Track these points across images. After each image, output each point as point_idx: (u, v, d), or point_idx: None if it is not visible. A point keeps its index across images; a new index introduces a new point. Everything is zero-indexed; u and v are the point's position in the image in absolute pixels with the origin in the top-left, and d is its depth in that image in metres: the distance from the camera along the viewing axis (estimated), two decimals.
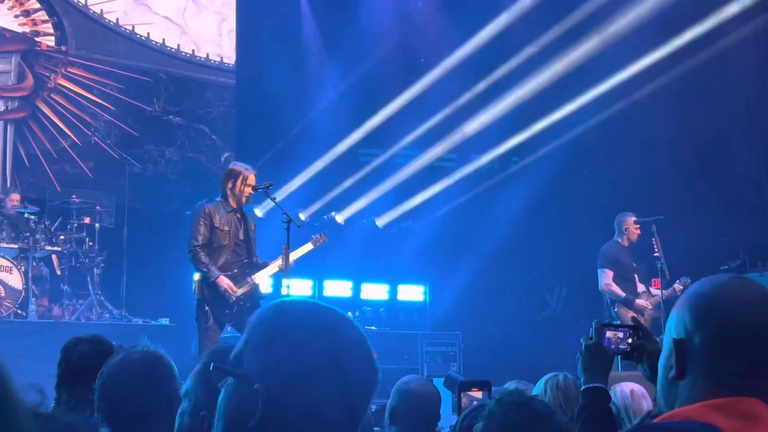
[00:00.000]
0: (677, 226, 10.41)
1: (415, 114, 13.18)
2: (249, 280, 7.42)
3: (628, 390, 4.81)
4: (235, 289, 7.32)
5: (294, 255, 7.62)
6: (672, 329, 1.57)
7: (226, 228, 7.40)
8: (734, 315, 1.51)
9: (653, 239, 9.31)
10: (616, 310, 9.29)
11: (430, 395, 3.85)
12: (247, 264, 7.49)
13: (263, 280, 7.53)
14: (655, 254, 9.26)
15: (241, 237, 7.49)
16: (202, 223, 7.38)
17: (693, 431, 1.40)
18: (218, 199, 7.57)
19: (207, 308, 7.34)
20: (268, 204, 8.44)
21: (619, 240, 9.54)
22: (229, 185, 7.50)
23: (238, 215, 7.51)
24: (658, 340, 2.66)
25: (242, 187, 7.44)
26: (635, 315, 9.04)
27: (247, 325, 1.49)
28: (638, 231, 9.47)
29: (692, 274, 9.31)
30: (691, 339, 1.53)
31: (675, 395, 1.53)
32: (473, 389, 3.39)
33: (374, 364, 1.51)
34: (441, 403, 3.90)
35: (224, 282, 7.29)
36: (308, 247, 7.79)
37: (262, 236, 7.88)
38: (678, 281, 9.33)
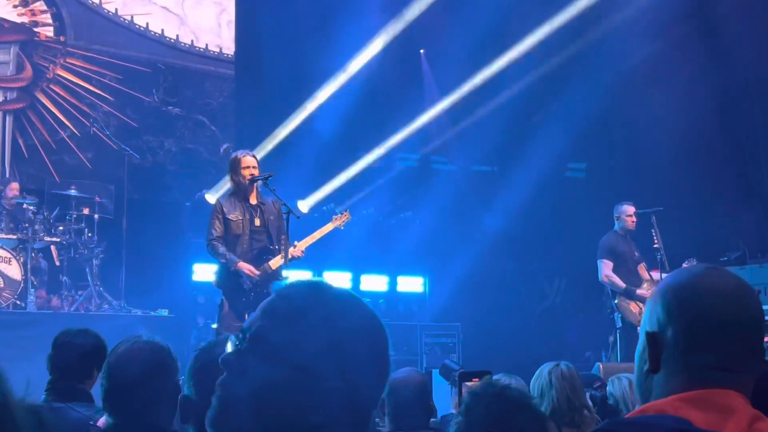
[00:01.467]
0: (677, 218, 10.41)
1: (416, 105, 13.18)
2: (266, 266, 7.41)
3: (627, 381, 4.81)
4: (255, 271, 7.32)
5: (316, 235, 7.66)
6: (646, 322, 1.55)
7: (239, 218, 7.42)
8: (708, 307, 1.49)
9: (653, 230, 9.30)
10: (616, 301, 9.29)
11: (409, 382, 3.83)
12: (266, 251, 7.49)
13: (277, 267, 7.51)
14: (655, 245, 9.25)
15: (258, 224, 7.49)
16: (215, 217, 7.44)
17: (666, 425, 1.38)
18: (230, 190, 7.61)
19: (223, 299, 7.39)
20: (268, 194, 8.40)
21: (617, 230, 9.53)
22: (231, 174, 7.55)
23: (252, 202, 7.51)
24: None
25: (240, 170, 7.46)
26: (637, 305, 9.12)
27: (278, 308, 1.46)
28: (633, 220, 9.45)
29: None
30: (664, 332, 1.51)
31: (650, 389, 1.52)
32: (474, 379, 3.38)
33: (390, 357, 1.53)
34: (427, 390, 3.89)
35: (244, 267, 7.32)
36: (330, 227, 7.81)
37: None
38: (686, 262, 9.31)
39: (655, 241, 9.29)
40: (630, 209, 9.48)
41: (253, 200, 7.54)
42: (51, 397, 3.68)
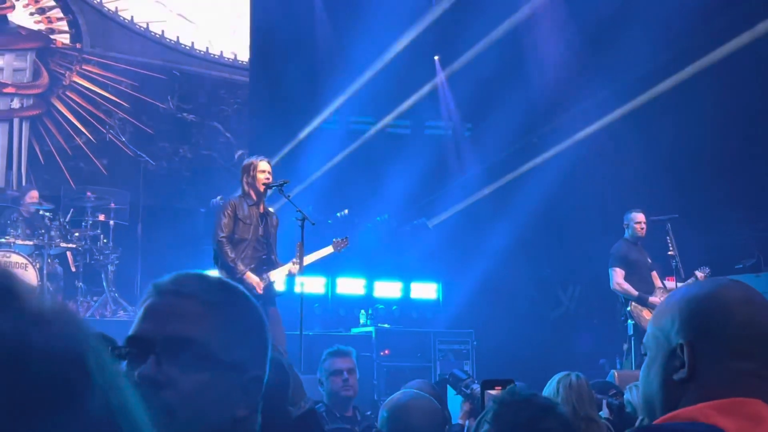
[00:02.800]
0: (692, 225, 10.38)
1: (431, 111, 13.20)
2: (265, 276, 7.44)
3: None
4: (261, 285, 7.34)
5: (313, 257, 7.69)
6: (673, 331, 1.55)
7: (249, 221, 7.44)
8: (749, 316, 1.51)
9: (668, 237, 9.28)
10: (629, 309, 9.26)
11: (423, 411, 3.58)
12: (264, 260, 7.51)
13: (277, 278, 7.56)
14: (670, 252, 9.23)
15: (261, 233, 7.51)
16: (226, 215, 7.41)
17: None
18: (239, 194, 7.62)
19: None
20: (282, 201, 8.45)
21: (627, 237, 9.50)
22: (245, 179, 7.54)
23: (260, 210, 7.53)
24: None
25: (255, 174, 7.46)
26: (650, 313, 9.08)
27: (212, 305, 1.41)
28: (642, 227, 9.41)
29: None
30: (703, 340, 1.52)
31: (678, 397, 1.52)
32: (497, 387, 3.35)
33: None
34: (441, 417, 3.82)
35: (252, 279, 7.33)
36: (328, 250, 7.83)
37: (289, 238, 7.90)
38: (699, 270, 9.28)
39: (670, 249, 9.27)
40: (639, 216, 9.44)
41: (261, 208, 7.56)
42: None
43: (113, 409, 0.73)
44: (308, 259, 7.69)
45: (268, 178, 7.46)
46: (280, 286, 7.70)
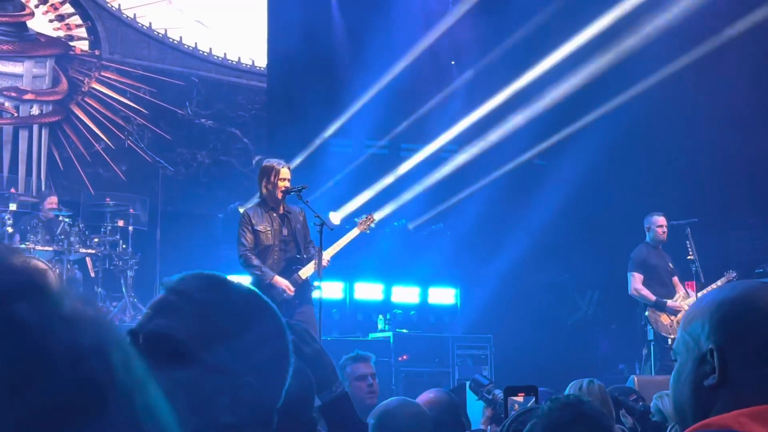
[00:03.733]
0: (712, 229, 10.33)
1: (446, 117, 13.18)
2: (296, 276, 7.42)
3: None
4: (292, 288, 7.32)
5: (341, 243, 7.63)
6: (704, 335, 1.53)
7: (267, 228, 7.41)
8: None
9: (687, 242, 9.23)
10: (647, 314, 9.22)
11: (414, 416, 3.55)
12: (294, 260, 7.48)
13: (309, 275, 7.51)
14: (689, 257, 9.18)
15: (285, 234, 7.47)
16: (244, 229, 7.40)
17: None
18: (256, 200, 7.60)
19: None
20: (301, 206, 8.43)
21: (648, 242, 9.44)
22: (264, 183, 7.49)
23: (279, 212, 7.51)
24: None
25: (276, 181, 7.42)
26: (669, 318, 9.04)
27: (194, 301, 1.39)
28: (664, 230, 9.35)
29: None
30: (735, 345, 1.50)
31: (710, 404, 1.50)
32: (520, 394, 3.33)
33: None
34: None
35: (281, 282, 7.29)
36: (354, 233, 7.79)
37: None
38: (726, 273, 9.21)
39: (690, 253, 9.23)
40: (660, 220, 9.39)
41: (280, 209, 7.53)
42: None
43: (138, 410, 0.73)
44: (336, 247, 7.64)
45: (287, 186, 7.44)
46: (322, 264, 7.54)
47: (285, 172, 7.46)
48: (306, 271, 7.45)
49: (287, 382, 1.45)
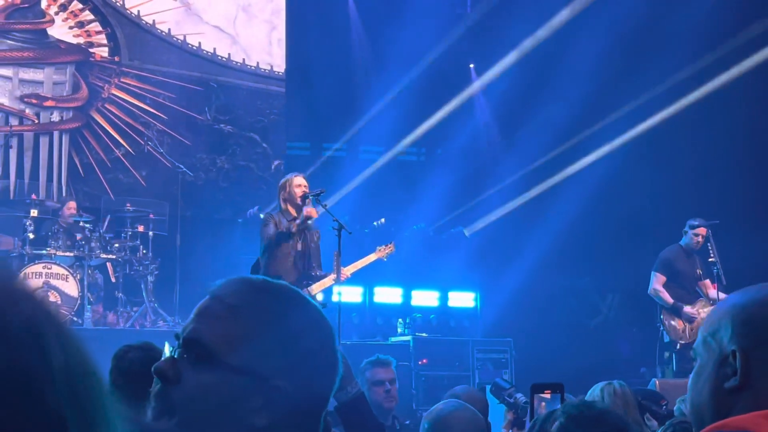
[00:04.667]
0: (734, 231, 10.24)
1: (467, 120, 13.17)
2: (307, 291, 7.44)
3: None
4: (314, 213, 7.38)
5: (358, 265, 7.70)
6: (726, 337, 1.52)
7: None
8: None
9: (709, 244, 9.16)
10: (661, 317, 9.18)
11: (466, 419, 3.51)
12: (305, 275, 7.52)
13: (318, 292, 7.55)
14: (711, 259, 9.11)
15: (299, 248, 7.51)
16: (270, 225, 7.44)
17: None
18: (278, 210, 7.66)
19: None
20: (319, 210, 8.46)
21: (683, 245, 9.36)
22: (282, 195, 7.60)
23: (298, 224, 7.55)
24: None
25: (291, 189, 7.51)
26: (683, 323, 8.98)
27: (226, 303, 1.41)
28: (699, 240, 9.24)
29: (749, 279, 9.12)
30: (759, 348, 1.49)
31: (730, 406, 1.49)
32: (546, 391, 3.30)
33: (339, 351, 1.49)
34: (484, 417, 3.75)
35: (307, 210, 7.41)
36: (372, 257, 7.83)
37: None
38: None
39: (711, 255, 9.16)
40: (700, 230, 9.24)
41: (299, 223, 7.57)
42: None
43: (77, 394, 0.70)
44: (353, 268, 7.71)
45: (304, 190, 7.50)
46: (318, 297, 7.68)
47: (298, 179, 7.57)
48: (316, 288, 7.49)
49: (333, 387, 1.44)
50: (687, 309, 9.05)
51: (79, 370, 0.71)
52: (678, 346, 8.95)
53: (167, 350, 1.42)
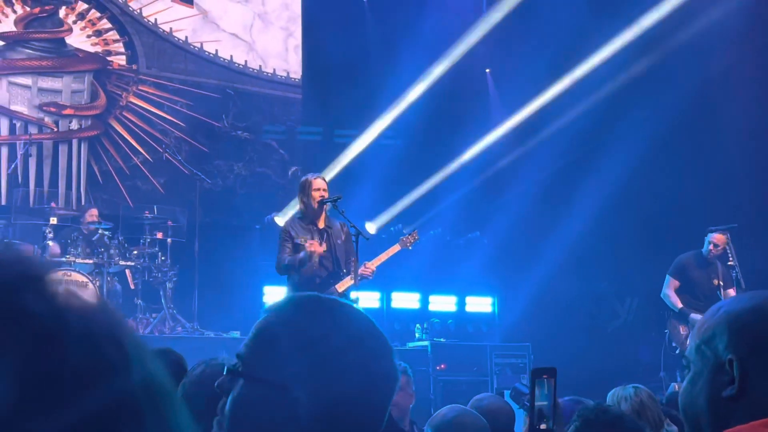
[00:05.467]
0: (756, 234, 10.20)
1: (482, 125, 13.16)
2: (333, 289, 7.44)
3: None
4: (319, 248, 7.35)
5: (382, 258, 7.67)
6: (722, 345, 1.50)
7: (307, 240, 7.46)
8: None
9: (728, 248, 9.11)
10: (671, 320, 9.16)
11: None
12: (332, 276, 7.52)
13: (345, 289, 7.54)
14: (730, 263, 9.07)
15: (324, 249, 7.51)
16: (285, 242, 7.45)
17: None
18: (297, 214, 7.65)
19: None
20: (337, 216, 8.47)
21: (701, 252, 9.31)
22: (301, 196, 7.58)
23: (320, 226, 7.55)
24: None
25: (310, 192, 7.49)
26: (687, 330, 8.93)
27: (268, 324, 1.46)
28: (715, 253, 9.19)
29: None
30: (756, 356, 1.48)
31: (728, 415, 1.48)
32: (544, 376, 3.28)
33: (396, 365, 1.49)
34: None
35: (310, 246, 7.34)
36: (396, 248, 7.81)
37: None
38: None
39: (730, 259, 9.11)
40: (716, 237, 9.18)
41: (320, 224, 7.56)
42: None
43: (152, 386, 0.74)
44: (377, 261, 7.68)
45: (322, 195, 7.49)
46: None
47: (319, 182, 7.53)
48: (343, 285, 7.47)
49: (385, 403, 1.45)
50: (693, 316, 9.01)
51: (150, 368, 0.75)
52: (677, 351, 8.93)
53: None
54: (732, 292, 9.16)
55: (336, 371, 1.40)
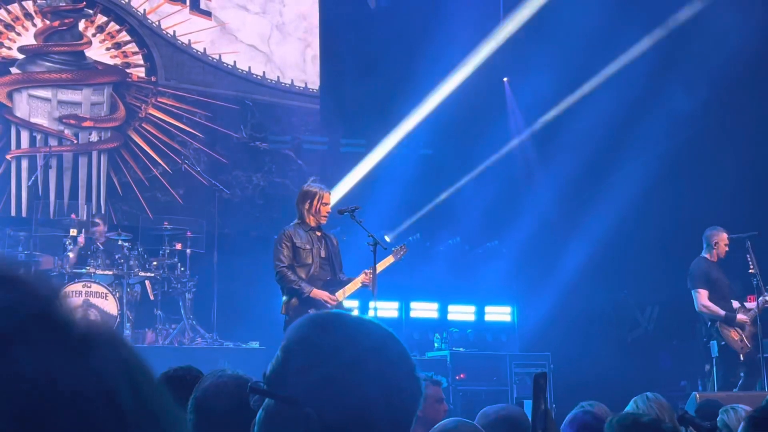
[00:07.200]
0: None
1: (500, 134, 13.16)
2: (335, 296, 7.46)
3: (744, 412, 4.68)
4: (333, 297, 7.34)
5: (378, 267, 7.64)
6: None
7: (308, 246, 7.44)
8: None
9: (748, 255, 9.06)
10: (717, 328, 9.05)
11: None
12: (330, 282, 7.52)
13: (345, 297, 7.55)
14: (750, 270, 9.01)
15: (323, 255, 7.51)
16: (283, 245, 7.42)
17: None
18: (295, 221, 7.62)
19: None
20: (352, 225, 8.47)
21: (707, 256, 9.28)
22: (306, 206, 7.52)
23: (318, 234, 7.55)
24: None
25: (319, 206, 7.47)
26: (737, 332, 8.88)
27: (286, 343, 1.47)
28: (728, 247, 9.21)
29: None
30: None
31: None
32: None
33: (418, 378, 1.47)
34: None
35: (320, 294, 7.30)
36: (389, 260, 7.79)
37: (349, 259, 7.92)
38: (765, 293, 9.03)
39: (751, 267, 9.06)
40: (724, 234, 9.24)
41: (318, 232, 7.57)
42: None
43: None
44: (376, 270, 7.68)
45: (328, 211, 7.52)
46: (348, 304, 7.67)
47: (328, 198, 7.56)
48: (343, 294, 7.49)
49: (405, 417, 1.43)
50: (740, 317, 8.98)
51: (157, 421, 0.71)
52: (742, 358, 8.84)
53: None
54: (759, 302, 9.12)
55: (347, 385, 1.38)
